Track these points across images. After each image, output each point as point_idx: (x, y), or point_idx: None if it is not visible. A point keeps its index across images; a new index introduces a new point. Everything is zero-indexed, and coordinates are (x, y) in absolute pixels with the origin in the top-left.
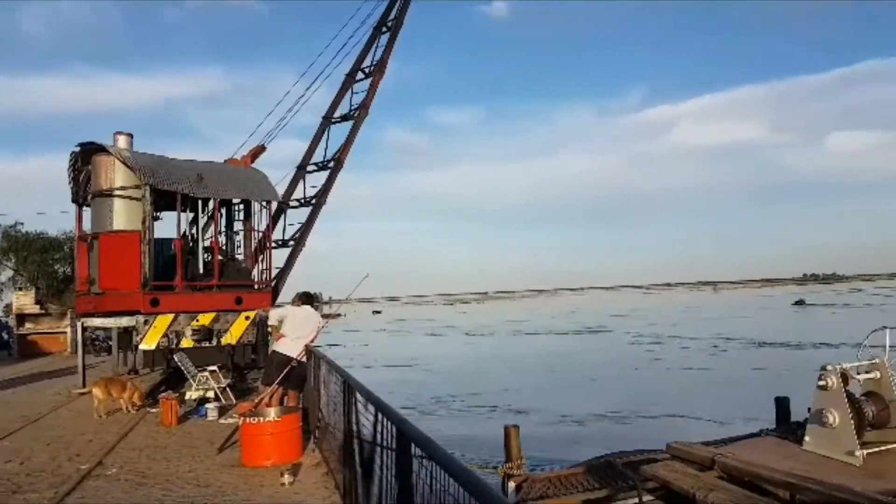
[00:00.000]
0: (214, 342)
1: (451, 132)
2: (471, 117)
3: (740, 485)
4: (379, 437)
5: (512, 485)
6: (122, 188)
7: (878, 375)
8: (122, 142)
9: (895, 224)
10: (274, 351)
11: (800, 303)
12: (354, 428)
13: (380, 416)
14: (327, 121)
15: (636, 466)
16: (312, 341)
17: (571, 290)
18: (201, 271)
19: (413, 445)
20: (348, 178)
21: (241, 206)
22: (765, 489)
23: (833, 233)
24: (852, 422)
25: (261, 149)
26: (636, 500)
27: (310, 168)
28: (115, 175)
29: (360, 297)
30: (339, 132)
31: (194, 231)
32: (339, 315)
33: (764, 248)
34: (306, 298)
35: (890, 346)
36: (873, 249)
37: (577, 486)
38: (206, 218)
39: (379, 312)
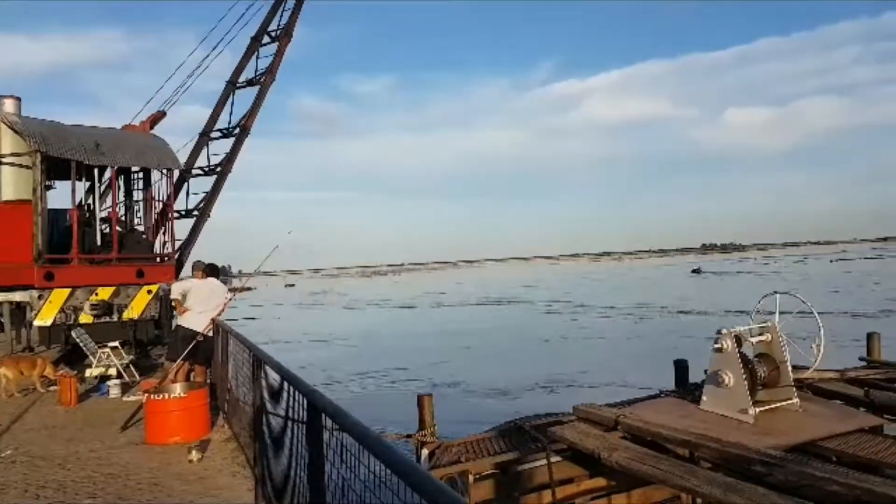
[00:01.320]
0: (115, 317)
1: (366, 101)
2: (386, 87)
3: (642, 443)
4: (290, 410)
5: (425, 452)
6: (12, 155)
7: (769, 338)
8: (8, 105)
9: (788, 196)
10: (179, 325)
11: (697, 271)
12: (264, 402)
13: (290, 388)
14: (232, 86)
15: (545, 429)
16: (219, 315)
17: (489, 260)
18: (99, 243)
19: (324, 417)
20: (257, 146)
21: (141, 175)
22: (665, 447)
23: (732, 204)
24: (745, 382)
25: (161, 115)
26: (545, 461)
27: (214, 135)
28: (1, 141)
29: (272, 270)
30: (244, 98)
31: (91, 201)
32: (248, 288)
33: (667, 220)
34: (211, 271)
35: (780, 312)
36: (768, 220)
37: (489, 450)
38: (103, 187)
39: (292, 286)
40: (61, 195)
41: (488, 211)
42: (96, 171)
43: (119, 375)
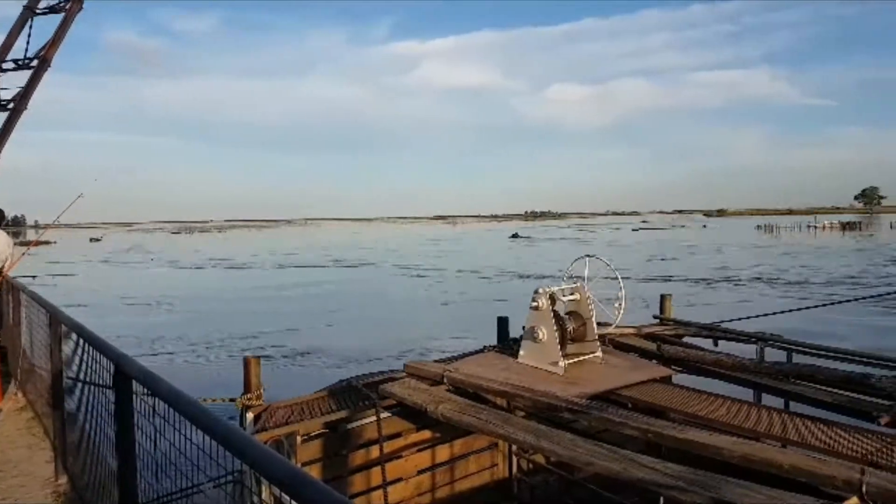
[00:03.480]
0: None
1: (188, 39)
2: (212, 25)
3: (466, 396)
4: (95, 376)
5: (250, 415)
6: None
7: (579, 297)
8: None
9: (603, 168)
10: None
11: (515, 236)
12: (63, 368)
13: (94, 352)
14: (30, 11)
15: (377, 386)
16: (8, 270)
17: (327, 219)
18: None
19: (134, 383)
20: (62, 81)
21: None
22: (486, 398)
23: (555, 174)
24: (557, 337)
25: None
26: (374, 417)
27: (6, 66)
28: None
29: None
30: (45, 26)
31: None
32: (46, 242)
33: (499, 186)
34: None
35: (588, 274)
36: (586, 190)
37: (319, 410)
38: None
39: (98, 240)
40: None
41: (327, 167)
42: None
43: None
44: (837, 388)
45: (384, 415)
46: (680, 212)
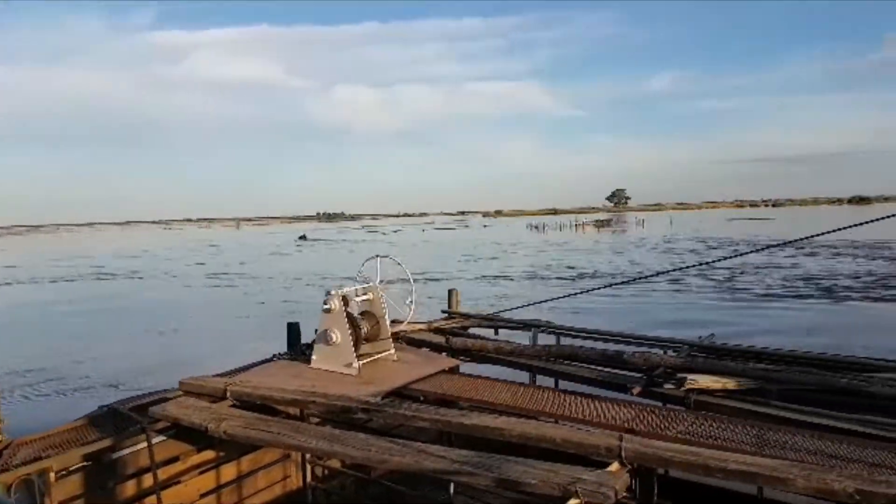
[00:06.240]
0: None
1: None
2: None
3: (253, 409)
4: None
5: None
6: None
7: (372, 297)
8: None
9: (394, 171)
10: None
11: (303, 238)
12: None
13: None
14: None
15: (146, 409)
16: None
17: (97, 223)
18: None
19: None
20: None
21: None
22: (276, 409)
23: (347, 176)
24: (351, 338)
25: None
26: (145, 443)
27: None
28: None
29: None
30: None
31: None
32: None
33: (289, 187)
34: None
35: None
36: (379, 192)
37: (77, 441)
38: None
39: None
40: None
41: (93, 165)
42: None
43: None
44: (598, 365)
45: (158, 439)
46: (463, 213)
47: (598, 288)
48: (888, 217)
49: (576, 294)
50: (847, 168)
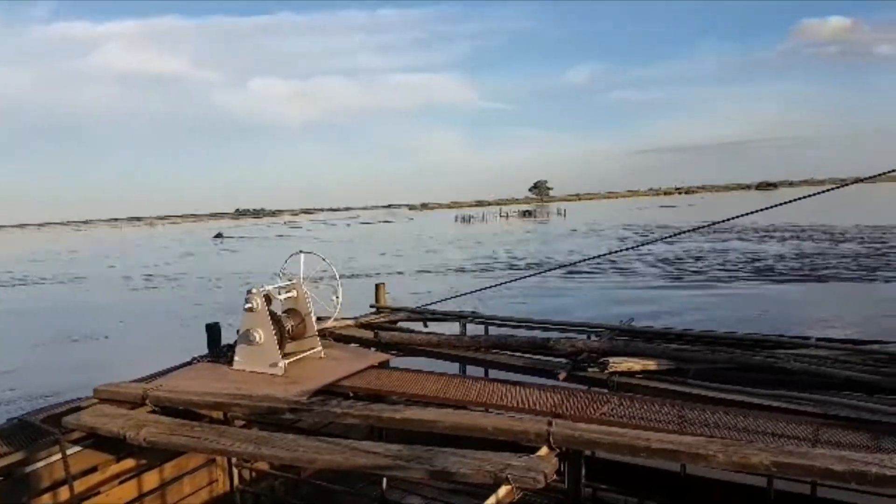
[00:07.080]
0: None
1: None
2: None
3: (174, 414)
4: None
5: None
6: None
7: (296, 294)
8: None
9: (316, 165)
10: None
11: (219, 236)
12: None
13: None
14: None
15: (59, 419)
16: None
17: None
18: None
19: None
20: None
21: None
22: (199, 414)
23: (265, 171)
24: (276, 337)
25: None
26: (59, 455)
27: None
28: None
29: None
30: None
31: None
32: None
33: (202, 184)
34: None
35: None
36: (301, 187)
37: None
38: None
39: None
40: None
41: None
42: None
43: None
44: (527, 353)
45: (73, 450)
46: (389, 206)
47: (530, 275)
48: (797, 199)
49: (502, 284)
50: (751, 155)
